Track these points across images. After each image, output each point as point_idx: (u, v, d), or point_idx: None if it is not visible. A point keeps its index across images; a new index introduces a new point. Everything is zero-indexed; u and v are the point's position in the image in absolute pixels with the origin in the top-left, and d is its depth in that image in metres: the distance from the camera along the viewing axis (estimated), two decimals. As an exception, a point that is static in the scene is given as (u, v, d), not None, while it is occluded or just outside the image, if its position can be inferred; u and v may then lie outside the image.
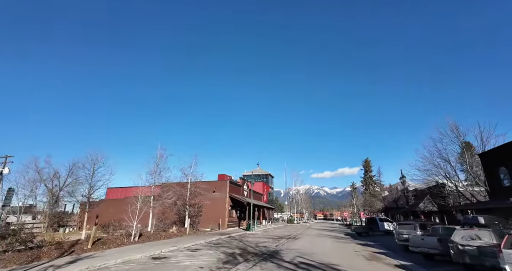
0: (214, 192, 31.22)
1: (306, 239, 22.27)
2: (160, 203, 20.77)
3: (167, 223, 20.29)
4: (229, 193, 31.22)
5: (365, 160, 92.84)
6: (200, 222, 29.03)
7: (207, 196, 30.83)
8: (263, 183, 53.95)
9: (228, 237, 20.92)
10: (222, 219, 29.73)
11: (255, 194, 45.54)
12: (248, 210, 34.55)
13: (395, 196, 37.42)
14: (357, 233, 28.37)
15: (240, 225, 34.81)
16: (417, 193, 30.57)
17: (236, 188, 34.88)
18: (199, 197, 25.70)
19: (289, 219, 58.78)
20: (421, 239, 11.56)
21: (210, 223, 28.57)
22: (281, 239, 20.83)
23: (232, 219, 32.23)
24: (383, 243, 19.57)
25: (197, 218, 24.76)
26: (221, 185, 31.41)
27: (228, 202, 30.86)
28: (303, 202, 68.20)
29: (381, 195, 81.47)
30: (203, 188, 31.16)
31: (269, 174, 62.62)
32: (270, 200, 59.22)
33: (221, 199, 30.85)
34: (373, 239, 23.97)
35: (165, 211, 24.56)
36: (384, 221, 28.69)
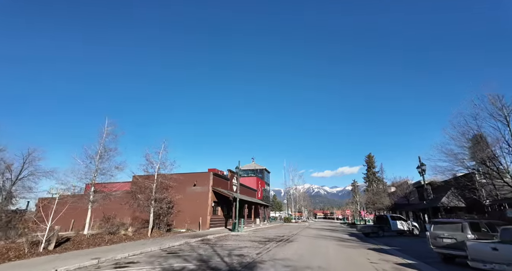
0: (195, 185, 26.48)
1: (302, 241, 17.60)
2: (103, 195, 16.07)
3: (115, 223, 15.55)
4: (212, 187, 26.47)
5: (367, 155, 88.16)
6: (176, 221, 24.33)
7: (186, 190, 26.13)
8: (257, 178, 49.24)
9: (200, 240, 16.19)
10: (203, 218, 25.01)
11: (247, 190, 40.81)
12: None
13: (405, 191, 32.64)
14: (364, 234, 23.72)
15: (227, 224, 30.08)
16: (436, 186, 25.80)
17: (223, 182, 30.15)
18: (170, 190, 20.94)
19: (286, 218, 54.07)
20: (492, 250, 6.79)
21: (187, 223, 23.84)
22: (269, 243, 16.12)
23: (216, 218, 27.50)
24: (403, 248, 14.83)
25: (167, 216, 19.98)
26: (203, 177, 26.68)
27: (211, 197, 26.13)
28: (301, 199, 63.36)
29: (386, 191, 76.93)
30: (180, 181, 26.40)
31: (265, 168, 57.90)
32: (266, 197, 54.51)
33: (202, 194, 26.12)
34: (386, 241, 19.27)
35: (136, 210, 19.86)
36: (396, 219, 23.96)
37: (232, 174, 33.63)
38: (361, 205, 60.72)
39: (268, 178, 60.12)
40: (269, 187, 59.69)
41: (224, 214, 29.46)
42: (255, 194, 45.08)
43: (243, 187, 39.09)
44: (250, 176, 50.85)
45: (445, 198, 20.72)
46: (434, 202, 21.47)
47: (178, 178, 26.77)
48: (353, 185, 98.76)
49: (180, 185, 26.17)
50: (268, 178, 60.12)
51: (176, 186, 26.34)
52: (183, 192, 26.24)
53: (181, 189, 26.19)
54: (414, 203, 32.88)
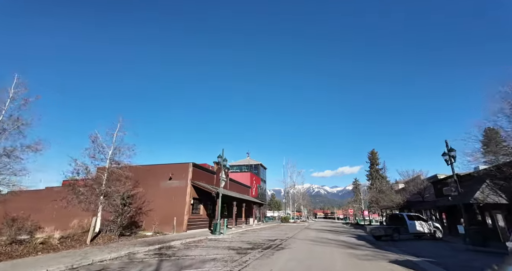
0: (171, 179, 22.08)
1: (297, 248, 13.23)
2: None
3: (26, 227, 11.12)
4: (192, 181, 22.08)
5: (371, 151, 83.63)
6: (147, 222, 19.98)
7: (160, 184, 21.80)
8: (252, 174, 44.86)
9: (156, 249, 11.78)
10: (180, 218, 20.62)
11: (239, 186, 36.43)
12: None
13: (419, 187, 28.21)
14: (375, 237, 19.40)
15: (211, 225, 25.70)
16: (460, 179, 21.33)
17: (207, 176, 25.76)
18: (134, 184, 16.56)
19: (283, 217, 49.70)
20: None
21: (155, 224, 19.44)
22: (252, 251, 11.76)
23: (197, 218, 23.11)
24: (439, 261, 10.43)
25: (122, 216, 15.48)
26: (181, 169, 22.27)
27: (190, 193, 21.74)
28: (300, 198, 58.93)
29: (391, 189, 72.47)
30: (153, 173, 22.09)
31: (260, 164, 53.51)
32: (261, 194, 50.16)
33: (179, 189, 21.72)
34: (406, 247, 14.90)
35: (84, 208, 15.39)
36: (414, 219, 19.57)
37: (220, 167, 29.20)
38: (365, 203, 56.24)
39: (265, 175, 55.84)
40: (265, 184, 55.39)
41: (208, 213, 25.06)
42: (248, 191, 40.73)
43: (234, 183, 34.74)
44: (243, 171, 46.49)
45: (479, 193, 16.33)
46: (464, 197, 17.07)
47: (147, 169, 22.46)
48: (355, 184, 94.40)
49: (153, 178, 21.87)
50: (265, 175, 55.84)
51: (148, 180, 22.05)
52: (157, 187, 21.93)
53: (154, 183, 21.89)
54: (429, 200, 28.47)
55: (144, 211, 21.10)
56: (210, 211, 26.68)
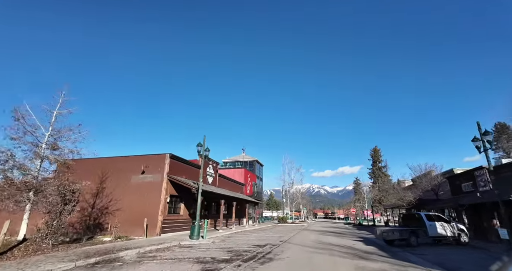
0: (144, 173, 18.68)
1: (290, 259, 9.88)
2: None
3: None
4: (169, 175, 18.68)
5: (373, 148, 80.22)
6: (113, 224, 16.61)
7: (131, 180, 18.48)
8: (246, 170, 41.43)
9: (86, 266, 8.40)
10: (152, 218, 17.22)
11: (232, 183, 33.06)
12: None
13: (432, 183, 24.83)
14: (387, 241, 16.08)
15: (195, 227, 22.38)
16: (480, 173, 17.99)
17: (190, 170, 22.36)
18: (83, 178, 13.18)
19: (281, 217, 46.32)
20: None
21: (115, 228, 15.99)
22: (226, 266, 8.39)
23: (176, 219, 19.72)
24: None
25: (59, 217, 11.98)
26: (156, 161, 18.85)
27: (166, 190, 18.35)
28: (299, 196, 55.50)
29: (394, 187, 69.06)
30: (120, 166, 18.76)
31: (256, 160, 50.12)
32: (257, 192, 46.79)
33: (153, 184, 18.31)
34: (430, 254, 11.58)
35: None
36: (434, 220, 16.19)
37: (206, 160, 25.82)
38: (369, 202, 52.88)
39: (261, 172, 52.52)
40: (262, 182, 52.06)
41: (190, 213, 21.65)
42: (242, 188, 37.34)
43: (225, 180, 31.38)
44: (237, 167, 43.11)
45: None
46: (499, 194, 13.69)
47: (116, 162, 19.13)
48: (356, 183, 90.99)
49: (123, 172, 18.53)
50: (261, 172, 52.52)
51: (117, 174, 18.70)
52: (127, 182, 18.55)
53: (124, 178, 18.53)
54: (443, 198, 25.11)
55: (111, 210, 17.76)
56: (194, 211, 23.32)
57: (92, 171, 19.02)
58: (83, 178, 18.45)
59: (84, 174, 18.96)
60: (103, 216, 17.61)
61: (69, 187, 11.53)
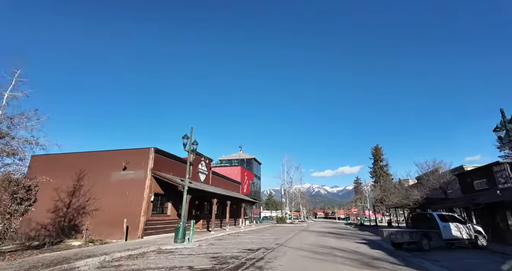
0: (125, 169, 16.93)
1: (284, 268, 8.18)
2: None
3: None
4: (153, 171, 16.92)
5: (374, 147, 78.37)
6: (95, 226, 14.87)
7: (111, 176, 16.77)
8: (242, 168, 39.67)
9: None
10: (134, 219, 15.48)
11: (227, 181, 31.35)
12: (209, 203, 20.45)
13: (441, 180, 23.09)
14: (395, 245, 14.39)
15: (185, 228, 20.65)
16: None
17: (178, 166, 20.59)
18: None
19: (279, 218, 44.58)
20: None
21: (86, 230, 14.19)
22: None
23: (161, 219, 17.98)
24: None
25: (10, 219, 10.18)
26: (139, 156, 17.08)
27: (150, 187, 16.60)
28: (299, 196, 53.71)
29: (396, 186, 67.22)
30: (100, 162, 17.07)
31: (254, 158, 48.32)
32: (255, 192, 45.05)
33: (135, 182, 16.55)
34: (449, 261, 9.84)
35: None
36: (449, 220, 14.45)
37: (198, 156, 24.07)
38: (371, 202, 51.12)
39: (259, 170, 50.78)
40: (259, 180, 50.32)
41: (179, 213, 19.89)
42: (238, 187, 35.60)
43: (220, 178, 29.66)
44: (233, 165, 41.35)
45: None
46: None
47: (95, 157, 17.42)
48: (356, 182, 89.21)
49: (102, 168, 16.82)
50: (259, 170, 50.78)
51: (96, 170, 17.00)
52: (107, 180, 16.83)
53: (103, 175, 16.82)
54: (452, 197, 23.38)
55: (88, 211, 16.03)
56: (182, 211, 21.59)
57: (68, 166, 17.31)
58: (59, 174, 16.77)
59: (60, 170, 17.28)
60: (79, 217, 15.88)
61: (20, 183, 9.74)
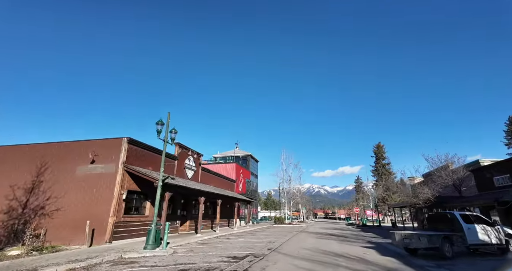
0: (93, 162, 14.58)
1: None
2: None
3: None
4: (126, 165, 14.56)
5: (376, 145, 76.02)
6: (52, 230, 12.56)
7: (76, 171, 14.41)
8: (238, 165, 37.30)
9: None
10: (101, 221, 13.15)
11: (220, 179, 29.04)
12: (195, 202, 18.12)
13: (454, 177, 20.75)
14: (409, 250, 12.13)
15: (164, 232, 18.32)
16: None
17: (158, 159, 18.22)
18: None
19: (276, 218, 42.21)
20: None
21: (29, 237, 11.82)
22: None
23: (137, 220, 15.60)
24: None
25: None
26: (109, 147, 14.72)
27: (122, 184, 14.24)
28: (298, 195, 51.31)
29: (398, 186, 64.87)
30: (64, 154, 14.73)
31: (250, 155, 45.90)
32: (251, 190, 42.71)
33: (104, 177, 14.21)
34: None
35: None
36: (474, 222, 12.13)
37: (185, 150, 21.71)
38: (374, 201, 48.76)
39: (256, 168, 48.41)
40: (257, 179, 47.95)
41: (160, 213, 17.54)
42: (232, 185, 33.25)
43: (211, 175, 27.33)
44: (228, 162, 38.99)
45: None
46: None
47: (58, 148, 15.06)
48: (357, 182, 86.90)
49: (67, 162, 14.46)
50: (256, 168, 48.41)
51: (59, 165, 14.65)
52: (71, 175, 14.48)
53: (67, 169, 14.48)
54: (466, 194, 21.06)
55: (48, 211, 13.67)
56: (171, 211, 19.26)
57: (27, 160, 14.96)
58: (15, 169, 14.45)
59: (17, 164, 14.94)
60: (37, 219, 13.54)
61: None
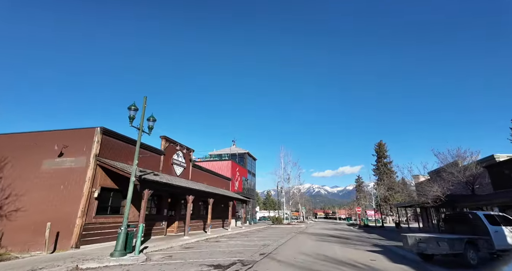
0: (62, 155, 12.81)
1: None
2: None
3: None
4: (99, 158, 12.78)
5: (378, 143, 74.32)
6: (7, 231, 10.79)
7: (41, 166, 12.65)
8: (233, 163, 35.48)
9: None
10: (68, 223, 11.38)
11: (213, 177, 27.31)
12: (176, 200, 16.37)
13: (467, 173, 18.98)
14: (423, 256, 10.40)
15: (152, 231, 16.56)
16: None
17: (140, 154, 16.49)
18: None
19: (275, 218, 40.42)
20: None
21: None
22: None
23: (112, 222, 13.78)
24: None
25: None
26: (79, 139, 12.94)
27: (93, 180, 12.44)
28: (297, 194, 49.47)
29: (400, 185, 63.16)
30: (28, 147, 12.96)
31: (247, 152, 44.05)
32: (249, 189, 40.92)
33: (74, 172, 12.45)
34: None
35: None
36: (501, 223, 10.36)
37: (172, 145, 19.92)
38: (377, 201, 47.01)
39: (254, 166, 46.64)
40: (254, 178, 46.19)
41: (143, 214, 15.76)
42: (228, 184, 31.46)
43: (204, 172, 25.57)
44: (223, 159, 37.19)
45: None
46: None
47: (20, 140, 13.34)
48: (358, 181, 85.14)
49: (31, 156, 12.66)
50: (254, 166, 46.64)
51: (22, 159, 12.88)
52: (36, 170, 12.70)
53: (31, 164, 12.67)
54: (479, 193, 19.30)
55: (5, 212, 11.89)
56: (156, 211, 17.51)
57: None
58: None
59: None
60: (-6, 220, 11.76)
61: None
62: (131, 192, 10.59)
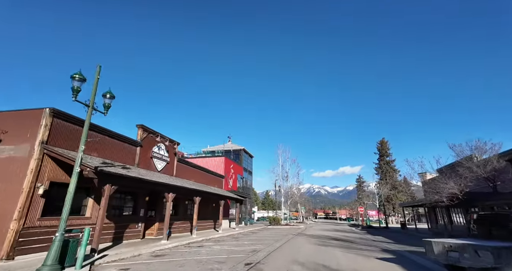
0: (0, 141, 10.42)
1: None
2: None
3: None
4: (46, 146, 10.38)
5: (380, 141, 71.81)
6: None
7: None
8: (227, 159, 33.00)
9: None
10: (1, 227, 9.00)
11: (204, 174, 24.96)
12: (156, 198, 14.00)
13: (488, 167, 16.56)
14: (452, 268, 7.97)
15: (124, 235, 14.16)
16: None
17: (106, 143, 14.09)
18: None
19: (272, 218, 37.97)
20: None
21: None
22: None
23: (69, 224, 11.34)
24: None
25: None
26: (22, 122, 10.57)
27: (37, 172, 10.03)
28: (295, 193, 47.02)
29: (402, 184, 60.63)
30: None
31: (243, 149, 41.58)
32: (244, 188, 38.46)
33: (14, 163, 10.07)
34: None
35: None
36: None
37: (152, 136, 17.50)
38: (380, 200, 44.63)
39: (250, 164, 44.24)
40: (251, 176, 43.74)
41: (113, 214, 13.33)
42: (221, 182, 29.03)
43: (192, 168, 23.20)
44: (216, 155, 34.72)
45: None
46: None
47: None
48: (359, 181, 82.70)
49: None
50: (250, 164, 44.24)
51: None
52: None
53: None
54: (502, 190, 16.89)
55: None
56: (133, 211, 15.13)
57: None
58: None
59: None
60: None
61: None
62: (73, 186, 8.18)
